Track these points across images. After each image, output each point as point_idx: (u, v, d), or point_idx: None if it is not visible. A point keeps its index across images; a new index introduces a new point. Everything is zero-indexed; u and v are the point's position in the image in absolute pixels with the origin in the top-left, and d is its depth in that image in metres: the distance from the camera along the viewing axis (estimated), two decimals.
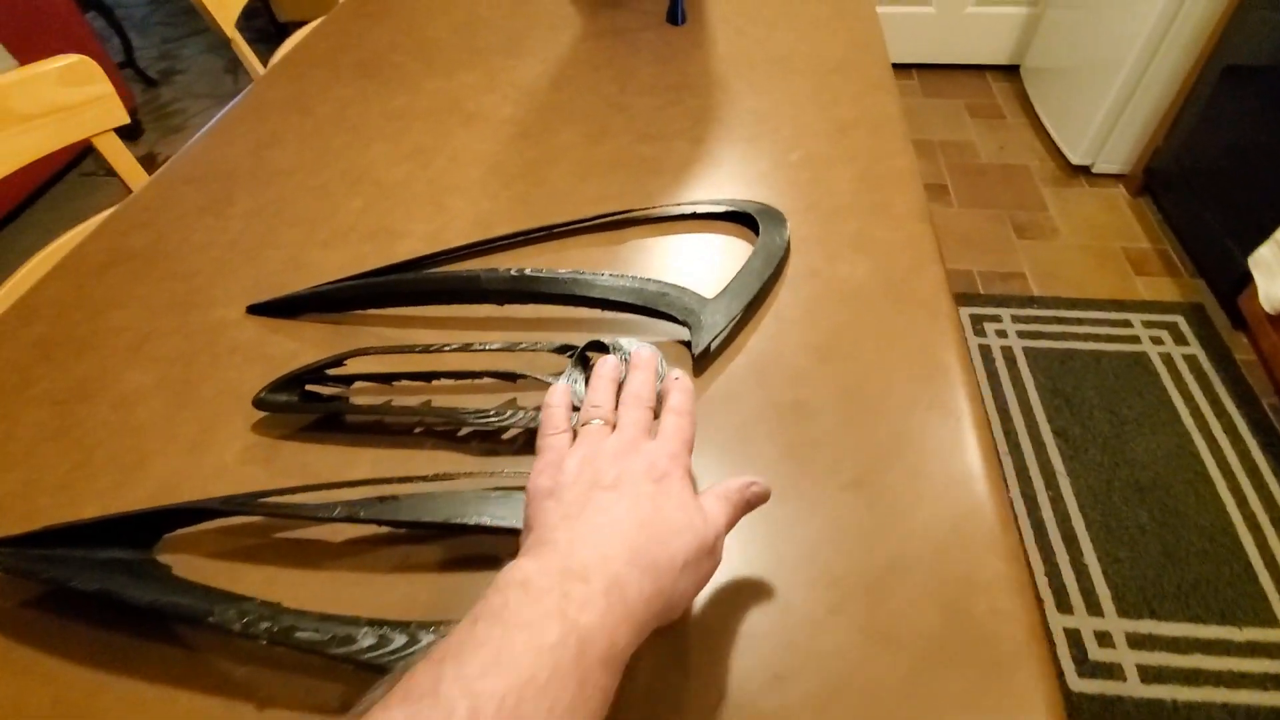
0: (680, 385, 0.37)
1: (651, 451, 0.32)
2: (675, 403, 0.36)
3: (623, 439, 0.33)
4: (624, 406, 0.35)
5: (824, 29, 0.84)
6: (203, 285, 0.54)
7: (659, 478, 0.31)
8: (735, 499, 0.33)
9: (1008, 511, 0.40)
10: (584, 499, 0.29)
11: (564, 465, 0.32)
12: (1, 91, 0.69)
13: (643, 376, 0.37)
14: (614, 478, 0.30)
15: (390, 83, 0.78)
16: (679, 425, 0.34)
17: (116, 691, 0.33)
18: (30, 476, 0.42)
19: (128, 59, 2.51)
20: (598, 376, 0.37)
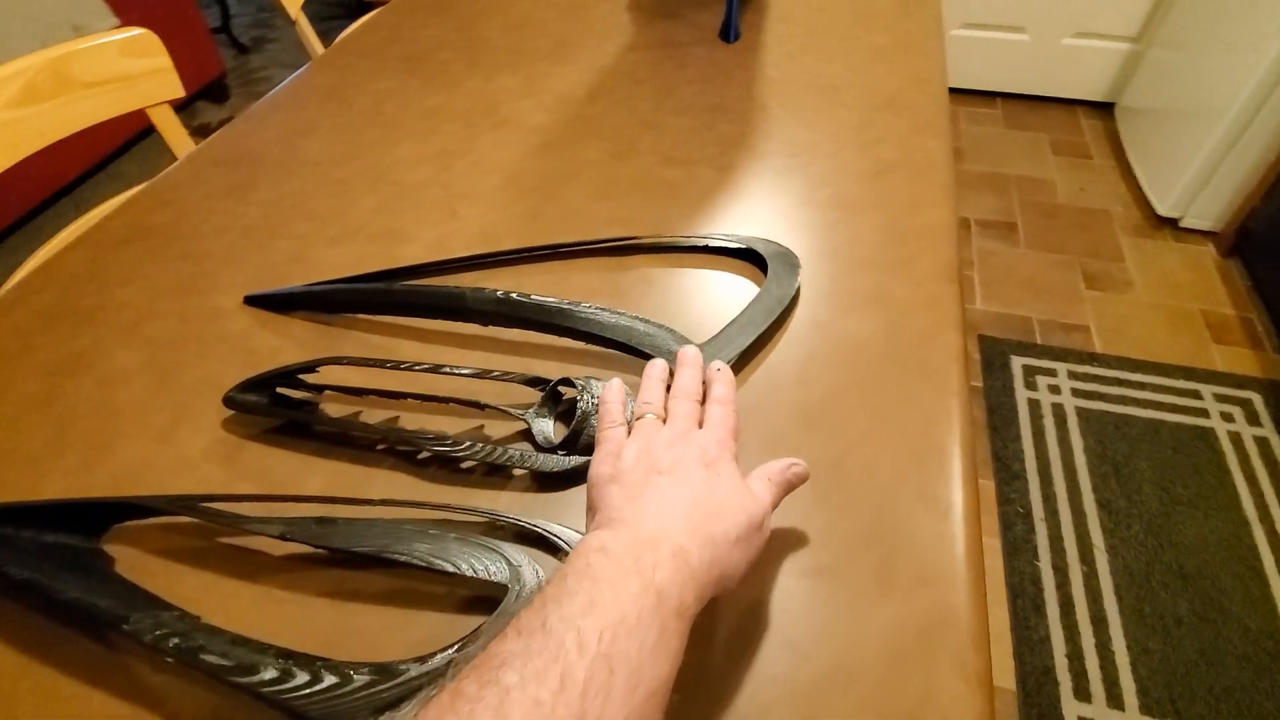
0: (722, 377, 0.40)
1: (701, 439, 0.35)
2: (718, 393, 0.39)
3: (675, 429, 0.36)
4: (673, 400, 0.38)
5: (882, 61, 0.80)
6: (209, 270, 0.55)
7: (709, 463, 0.34)
8: (779, 479, 0.36)
9: (984, 627, 0.36)
10: (644, 482, 0.33)
11: (623, 454, 0.35)
12: (65, 60, 0.73)
13: (690, 373, 0.40)
14: (669, 464, 0.33)
15: (431, 80, 0.78)
16: (724, 414, 0.38)
17: (35, 678, 0.34)
18: (6, 447, 0.43)
19: (223, 25, 2.63)
20: (647, 377, 0.41)
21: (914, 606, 0.36)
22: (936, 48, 0.81)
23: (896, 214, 0.59)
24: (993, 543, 1.13)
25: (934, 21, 0.85)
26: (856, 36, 0.85)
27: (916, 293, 0.53)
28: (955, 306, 0.52)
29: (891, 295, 0.53)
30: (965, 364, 0.49)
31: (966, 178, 1.87)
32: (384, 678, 0.32)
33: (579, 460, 0.41)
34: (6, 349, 0.49)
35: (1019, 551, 1.11)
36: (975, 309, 1.54)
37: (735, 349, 0.46)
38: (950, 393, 0.46)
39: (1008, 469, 1.23)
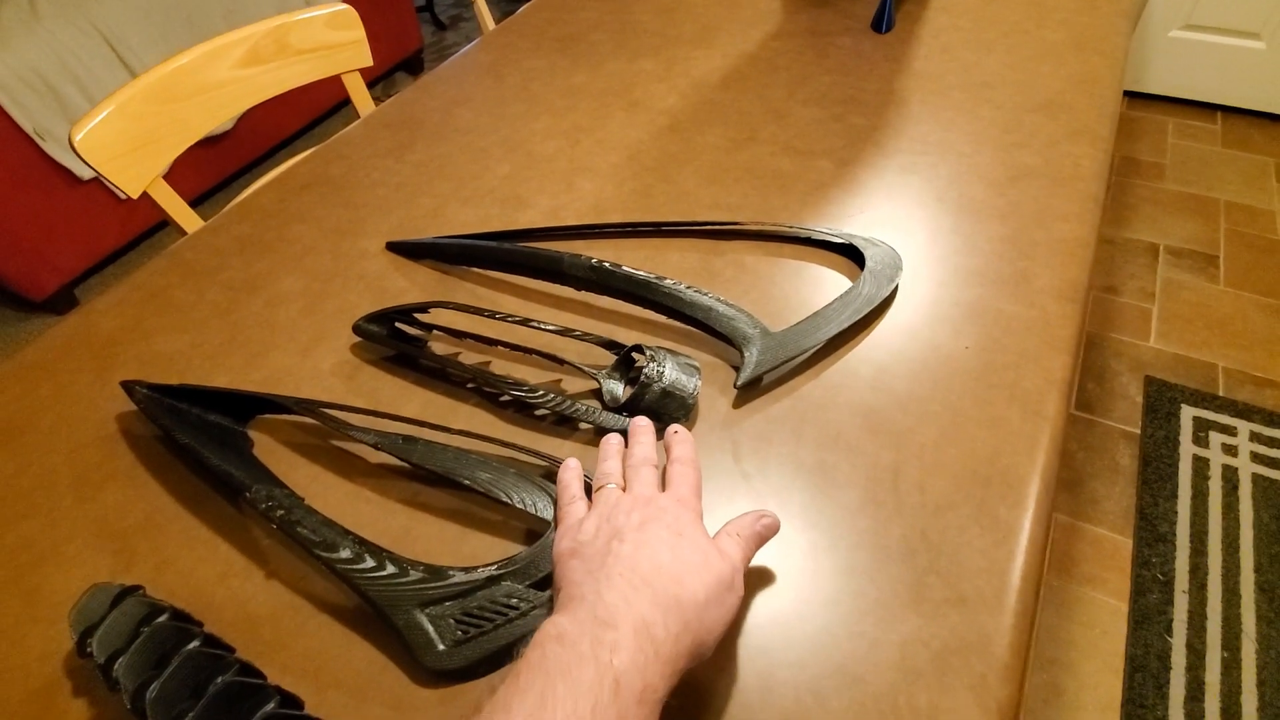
0: (680, 438, 0.40)
1: (662, 501, 0.35)
2: (679, 454, 0.39)
3: (635, 495, 0.36)
4: (631, 470, 0.38)
5: (1048, 58, 0.73)
6: (363, 217, 0.64)
7: (672, 524, 0.33)
8: (748, 533, 0.35)
9: (1021, 661, 0.34)
10: (604, 552, 0.32)
11: (583, 526, 0.34)
12: (285, 29, 0.86)
13: (646, 439, 0.40)
14: (631, 530, 0.33)
15: (578, 60, 0.83)
16: (684, 474, 0.37)
17: (183, 522, 0.42)
18: (194, 342, 0.53)
19: (427, 4, 2.90)
20: (604, 450, 0.40)
21: (943, 624, 0.35)
22: (1117, 46, 0.73)
23: (1023, 225, 0.55)
24: (1118, 605, 1.01)
25: (1120, 17, 0.77)
26: (1025, 30, 0.78)
27: (1026, 311, 0.49)
28: (1072, 330, 0.48)
29: (997, 310, 0.50)
30: (1069, 392, 0.45)
31: (1163, 197, 1.64)
32: (434, 578, 0.37)
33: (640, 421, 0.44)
34: (207, 265, 0.60)
35: (1149, 622, 0.98)
36: (1147, 346, 1.36)
37: (814, 338, 0.46)
38: (1041, 418, 0.43)
39: (1153, 529, 1.09)
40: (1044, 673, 0.96)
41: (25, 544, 0.42)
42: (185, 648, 0.33)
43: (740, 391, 0.46)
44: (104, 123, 0.69)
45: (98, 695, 0.35)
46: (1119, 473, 1.18)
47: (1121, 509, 1.12)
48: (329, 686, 0.35)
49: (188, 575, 0.40)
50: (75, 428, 0.48)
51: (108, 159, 0.69)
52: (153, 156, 0.73)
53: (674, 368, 0.45)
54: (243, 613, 0.38)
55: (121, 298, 0.58)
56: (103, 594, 0.36)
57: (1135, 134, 1.83)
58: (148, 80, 0.73)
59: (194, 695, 0.31)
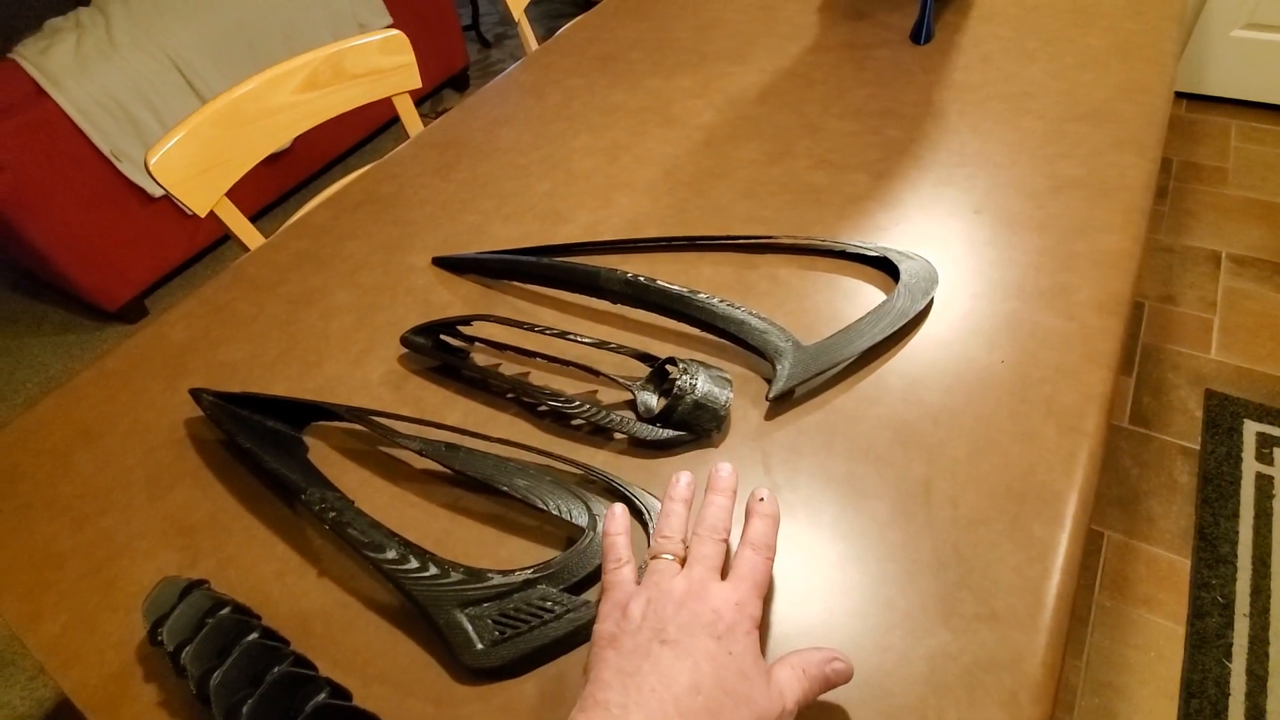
0: (763, 510, 0.35)
1: (718, 600, 0.31)
2: (754, 535, 0.34)
3: (691, 580, 0.32)
4: (695, 541, 0.34)
5: (1093, 66, 0.72)
6: (412, 233, 0.67)
7: (723, 633, 0.30)
8: (814, 674, 0.31)
9: (1053, 680, 0.34)
10: (643, 653, 0.29)
11: (629, 610, 0.31)
12: (341, 55, 0.90)
13: (720, 502, 0.35)
14: (676, 629, 0.30)
15: (618, 78, 0.85)
16: (753, 565, 0.33)
17: (244, 521, 0.45)
18: (254, 352, 0.57)
19: (473, 23, 2.99)
20: (670, 499, 0.36)
21: (973, 639, 0.35)
22: (1166, 53, 0.71)
23: (1064, 237, 0.55)
24: (1175, 628, 0.97)
25: (1169, 22, 0.75)
26: (1069, 38, 0.77)
27: (1065, 324, 0.49)
28: (1113, 344, 0.47)
29: (1034, 324, 0.49)
30: (1109, 407, 0.45)
31: (1226, 203, 1.58)
32: (473, 579, 0.38)
33: (670, 433, 0.45)
34: (267, 279, 0.64)
35: (1207, 646, 0.94)
36: (1207, 358, 1.30)
37: (847, 352, 0.47)
38: (1080, 434, 0.43)
39: (1213, 549, 1.04)
40: (1096, 696, 0.93)
41: (104, 538, 0.45)
42: (245, 639, 0.35)
43: (772, 404, 0.47)
44: (176, 147, 0.74)
45: (166, 681, 0.38)
46: (1177, 490, 1.13)
47: (1179, 528, 1.08)
48: (375, 680, 0.37)
49: (247, 571, 0.42)
50: (148, 431, 0.52)
51: (179, 181, 0.74)
52: (219, 177, 0.78)
53: (707, 380, 0.46)
54: (297, 608, 0.40)
55: (190, 310, 0.62)
56: (172, 587, 0.39)
57: (1196, 137, 1.76)
58: (216, 106, 0.78)
59: (252, 684, 0.33)
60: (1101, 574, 1.05)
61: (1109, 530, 1.09)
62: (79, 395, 0.55)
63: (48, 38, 1.65)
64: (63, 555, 0.45)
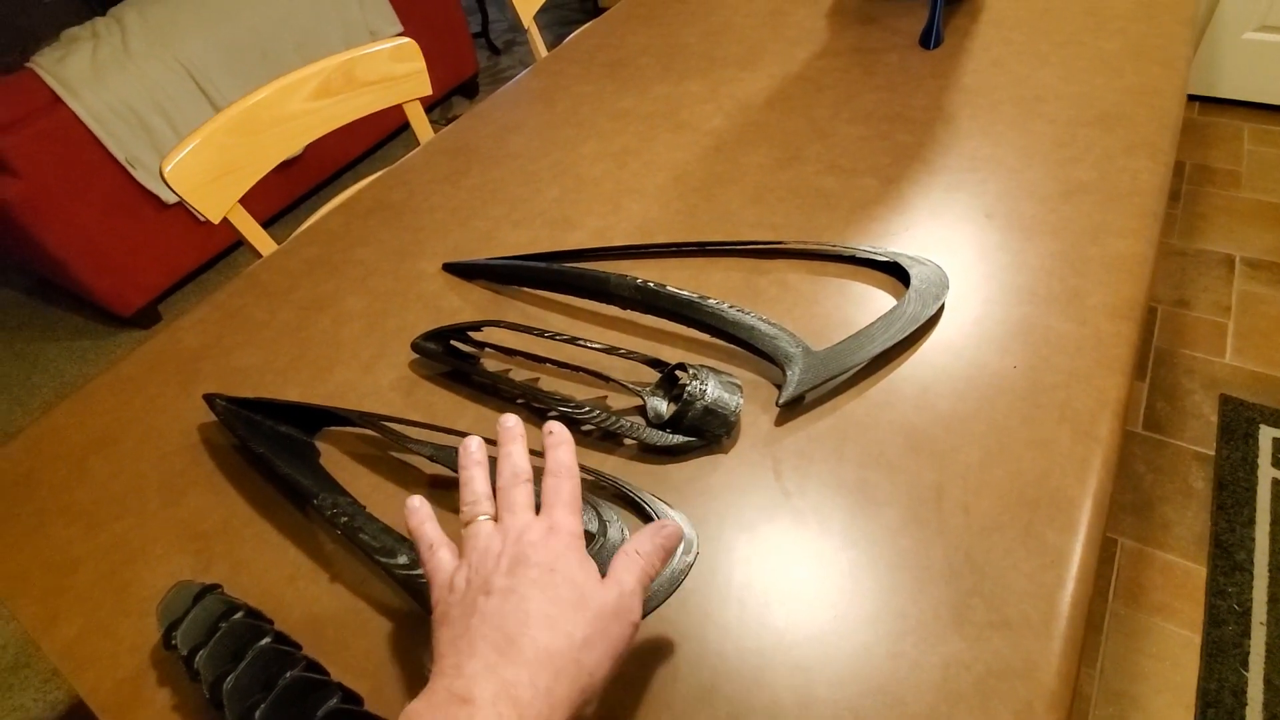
0: (555, 441, 0.36)
1: (533, 533, 0.32)
2: (552, 463, 0.35)
3: (505, 530, 0.33)
4: (500, 492, 0.35)
5: (1105, 69, 0.71)
6: (421, 239, 0.67)
7: (544, 559, 0.31)
8: (647, 548, 0.33)
9: (1069, 688, 0.34)
10: (468, 613, 0.30)
11: (452, 584, 0.32)
12: (352, 63, 0.91)
13: (516, 449, 0.36)
14: (500, 578, 0.30)
15: (626, 84, 0.86)
16: (558, 488, 0.34)
17: (256, 526, 0.45)
18: (267, 358, 0.57)
19: (482, 30, 3.01)
20: (464, 466, 0.36)
21: (986, 647, 0.35)
22: (1178, 56, 0.70)
23: (1076, 241, 0.54)
24: (1190, 637, 0.96)
25: (1181, 25, 0.74)
26: (1081, 41, 0.77)
27: (1078, 329, 0.48)
28: (1126, 350, 0.47)
29: (1047, 329, 0.49)
30: (1123, 413, 0.44)
31: (1239, 206, 1.56)
32: None
33: (680, 439, 0.45)
34: (279, 286, 0.65)
35: (1223, 654, 0.93)
36: (1222, 362, 1.29)
37: (856, 358, 0.47)
38: (1093, 440, 0.42)
39: (1229, 557, 1.03)
40: (1111, 706, 0.92)
41: (118, 543, 0.46)
42: (258, 644, 0.35)
43: (782, 410, 0.47)
44: (190, 155, 0.75)
45: (180, 685, 0.38)
46: (1191, 496, 1.12)
47: (1194, 534, 1.07)
48: (386, 685, 0.37)
49: (260, 576, 0.43)
50: (163, 437, 0.52)
51: (193, 188, 0.75)
52: (233, 185, 0.79)
53: (716, 386, 0.46)
54: (309, 613, 0.40)
55: (204, 316, 0.62)
56: (186, 591, 0.39)
57: (1208, 140, 1.75)
58: (230, 114, 0.79)
59: (265, 688, 0.34)
60: (1115, 581, 1.04)
61: (1123, 537, 1.08)
62: (94, 401, 0.56)
63: (65, 47, 1.68)
64: (78, 559, 0.45)
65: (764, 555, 0.40)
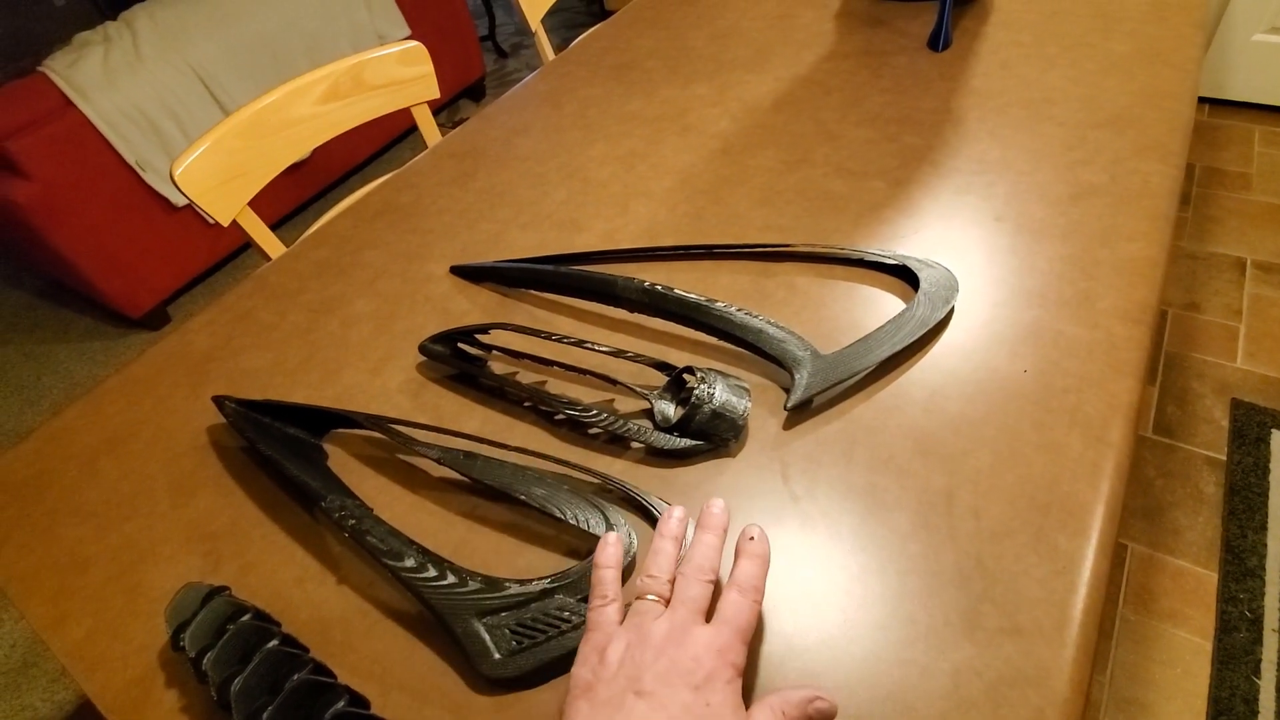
0: (752, 551, 0.34)
1: (699, 644, 0.30)
2: (741, 576, 0.33)
3: (673, 623, 0.31)
4: (681, 579, 0.33)
5: (1115, 72, 0.71)
6: (429, 242, 0.67)
7: (701, 682, 0.29)
8: (794, 715, 0.30)
9: (1081, 696, 0.34)
10: (616, 704, 0.28)
11: (606, 655, 0.31)
12: (361, 66, 0.91)
13: (709, 541, 0.34)
14: (653, 678, 0.29)
15: (633, 87, 0.86)
16: (739, 609, 0.32)
17: (264, 528, 0.46)
18: (276, 360, 0.58)
19: (490, 34, 3.02)
20: (660, 536, 0.35)
21: (997, 654, 0.34)
22: (1189, 58, 0.70)
23: (1087, 244, 0.54)
24: (1201, 644, 0.95)
25: (1193, 27, 0.74)
26: (1091, 43, 0.76)
27: (1089, 333, 0.48)
28: (1137, 352, 0.47)
29: (1057, 332, 0.48)
30: (1135, 417, 0.44)
31: (1250, 209, 1.55)
32: (490, 588, 0.38)
33: (688, 442, 0.45)
34: (288, 288, 0.65)
35: (1235, 661, 0.92)
36: (1233, 367, 1.28)
37: (865, 361, 0.47)
38: (1105, 445, 0.42)
39: (1241, 563, 1.02)
40: (1120, 713, 0.91)
41: (128, 544, 0.46)
42: (265, 646, 0.35)
43: (790, 413, 0.46)
44: (200, 158, 0.75)
45: (188, 686, 0.38)
46: (1203, 501, 1.11)
47: (1205, 540, 1.06)
48: (393, 688, 0.37)
49: (268, 578, 0.43)
50: (172, 438, 0.52)
51: (203, 191, 0.75)
52: (242, 188, 0.80)
53: (724, 389, 0.45)
54: (316, 615, 0.40)
55: (213, 318, 0.63)
56: (194, 593, 0.39)
57: (1218, 143, 1.74)
58: (239, 118, 0.79)
59: (272, 690, 0.34)
60: (1126, 587, 1.03)
61: (1133, 542, 1.07)
62: (104, 402, 0.56)
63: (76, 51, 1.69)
64: (88, 560, 0.46)
65: (772, 560, 0.39)
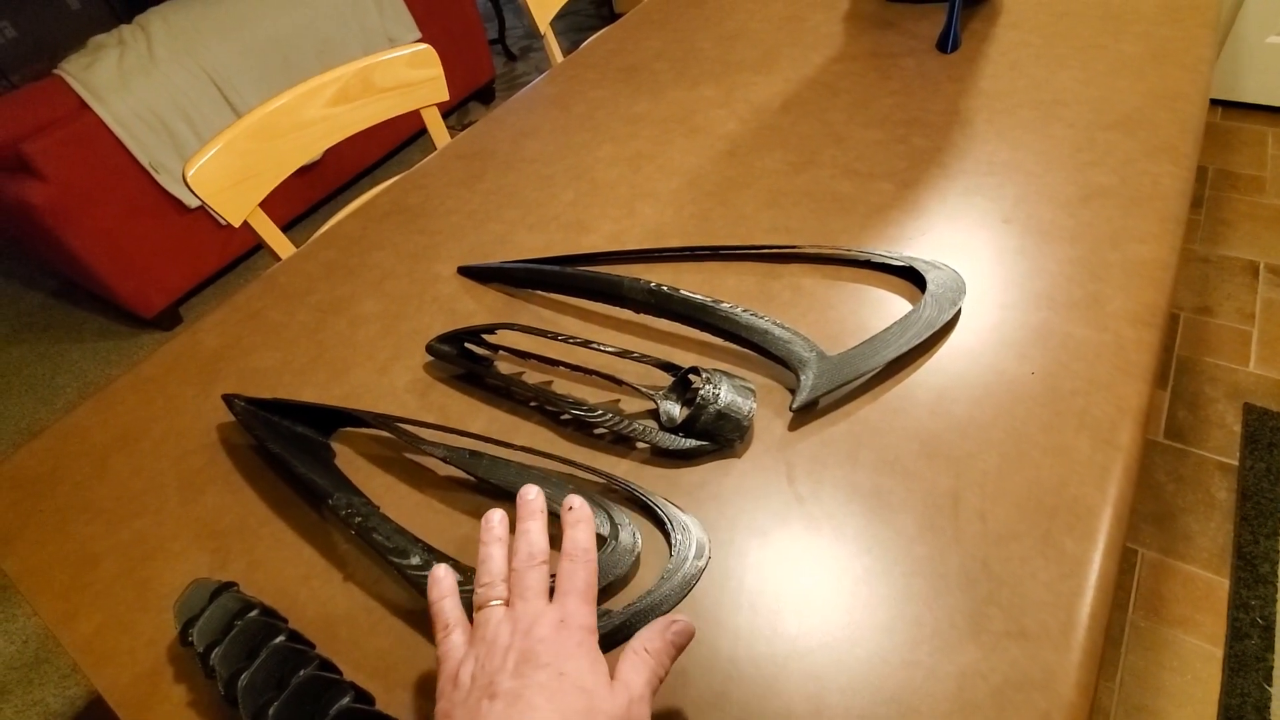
0: (573, 519, 0.34)
1: (544, 624, 0.31)
2: (569, 545, 0.34)
3: (516, 618, 0.31)
4: (515, 574, 0.33)
5: (1126, 73, 0.71)
6: (437, 243, 0.68)
7: (551, 659, 0.29)
8: (656, 647, 0.31)
9: (1087, 701, 0.33)
10: (472, 718, 0.28)
11: (459, 678, 0.30)
12: (371, 69, 0.92)
13: (532, 527, 0.35)
14: (508, 677, 0.29)
15: (641, 88, 0.86)
16: (572, 575, 0.33)
17: (272, 526, 0.46)
18: (285, 359, 0.58)
19: (499, 37, 3.04)
20: (483, 543, 0.35)
21: (1003, 657, 0.34)
22: (1201, 59, 0.69)
23: (1096, 246, 0.54)
24: (1212, 650, 0.94)
25: (1205, 28, 0.73)
26: (1101, 44, 0.76)
27: (1098, 335, 0.48)
28: (1146, 355, 0.46)
29: (1066, 335, 0.48)
30: (1145, 421, 0.44)
31: (1264, 212, 1.53)
32: None
33: (693, 443, 0.45)
34: (297, 288, 0.66)
35: (1246, 669, 0.91)
36: (1246, 371, 1.27)
37: (871, 363, 0.46)
38: (1114, 448, 0.42)
39: (1253, 569, 1.01)
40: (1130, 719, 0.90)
41: (138, 540, 0.47)
42: (272, 642, 0.36)
43: (796, 414, 0.46)
44: (212, 160, 0.76)
45: (196, 681, 0.39)
46: (1214, 507, 1.09)
47: (1217, 546, 1.05)
48: (398, 685, 0.37)
49: (275, 575, 0.43)
50: (182, 436, 0.53)
51: (215, 192, 0.76)
52: (253, 189, 0.80)
53: (730, 390, 0.45)
54: (322, 612, 0.41)
55: (224, 318, 0.63)
56: (202, 589, 0.39)
57: (1232, 145, 1.72)
58: (250, 120, 0.80)
59: (278, 686, 0.34)
60: (1135, 593, 1.02)
61: (1143, 548, 1.06)
62: (116, 400, 0.57)
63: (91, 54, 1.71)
64: (99, 556, 0.46)
65: (777, 561, 0.39)
